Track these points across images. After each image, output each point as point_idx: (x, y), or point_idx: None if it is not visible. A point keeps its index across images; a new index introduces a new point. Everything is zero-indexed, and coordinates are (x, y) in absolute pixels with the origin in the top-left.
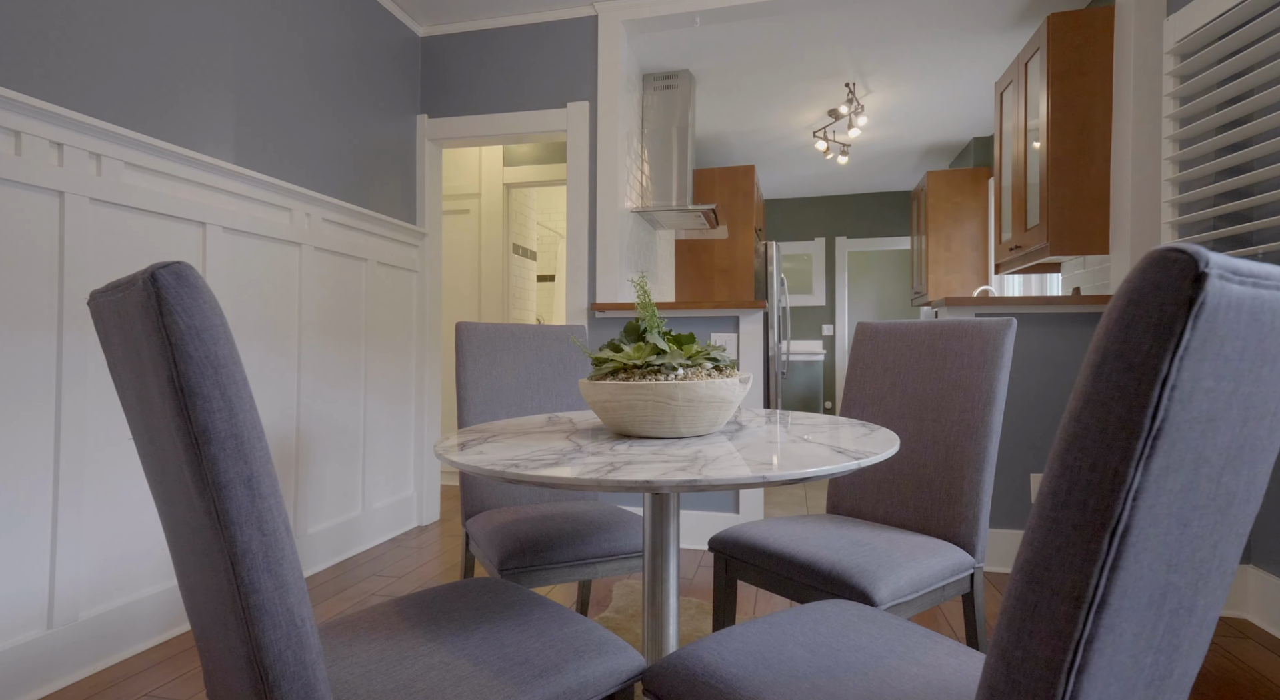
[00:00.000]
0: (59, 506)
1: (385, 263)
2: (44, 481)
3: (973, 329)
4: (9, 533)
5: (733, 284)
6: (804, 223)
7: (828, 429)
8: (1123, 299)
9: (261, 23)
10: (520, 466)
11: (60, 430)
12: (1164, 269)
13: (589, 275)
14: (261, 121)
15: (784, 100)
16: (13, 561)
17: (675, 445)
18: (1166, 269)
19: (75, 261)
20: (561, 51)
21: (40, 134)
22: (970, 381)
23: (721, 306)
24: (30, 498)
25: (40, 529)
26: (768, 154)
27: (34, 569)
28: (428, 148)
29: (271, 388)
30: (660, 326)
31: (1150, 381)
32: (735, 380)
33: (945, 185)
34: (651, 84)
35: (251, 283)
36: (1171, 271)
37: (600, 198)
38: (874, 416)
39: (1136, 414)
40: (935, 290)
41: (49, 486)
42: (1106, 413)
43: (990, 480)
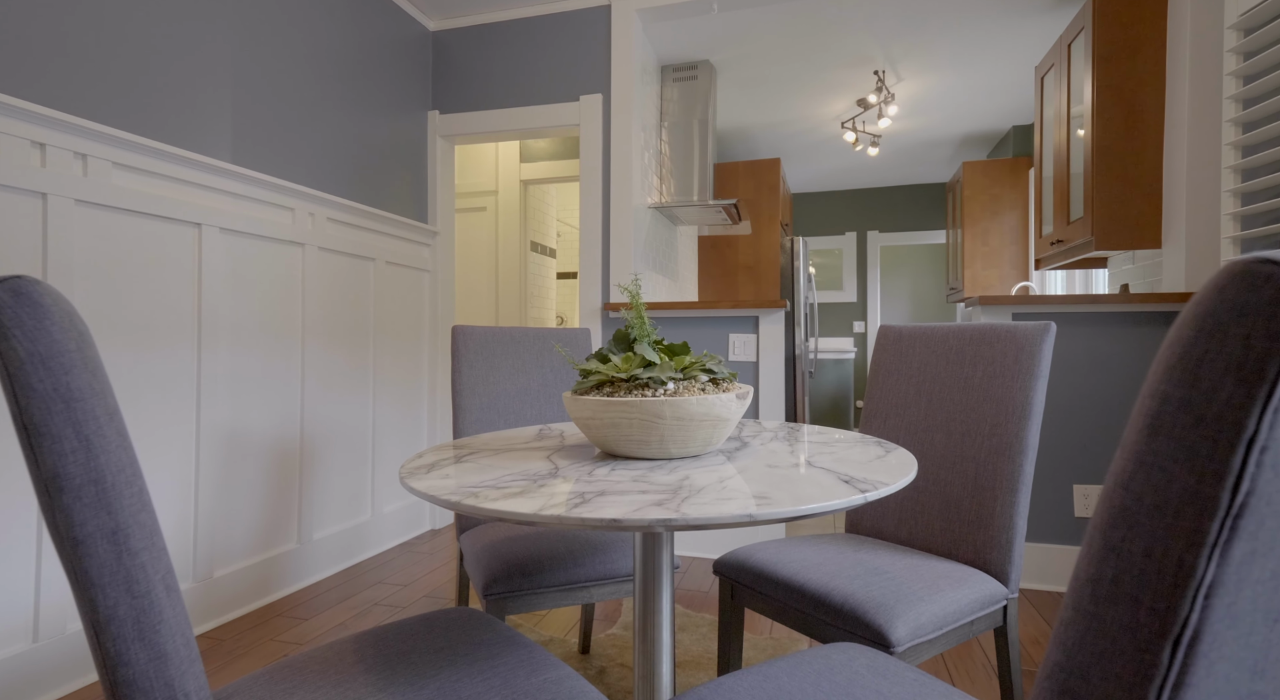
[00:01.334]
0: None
1: (395, 262)
2: (27, 491)
3: (1005, 334)
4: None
5: (758, 281)
6: (834, 217)
7: (839, 449)
8: (1191, 328)
9: (261, 18)
10: (479, 496)
11: None
12: (1251, 287)
13: (603, 274)
14: (262, 119)
15: (810, 90)
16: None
17: (662, 469)
18: (1255, 287)
19: (59, 265)
20: (574, 43)
21: (20, 134)
22: (1003, 392)
23: (740, 306)
24: (13, 508)
25: (25, 540)
26: (794, 146)
27: (18, 581)
28: (439, 144)
29: (273, 391)
30: (651, 335)
31: (1231, 442)
32: (731, 396)
33: (982, 176)
34: (671, 75)
35: (251, 285)
36: (1263, 291)
37: (614, 193)
38: (896, 428)
39: (1211, 486)
40: (972, 286)
41: (31, 501)
42: (1168, 481)
43: (1025, 503)
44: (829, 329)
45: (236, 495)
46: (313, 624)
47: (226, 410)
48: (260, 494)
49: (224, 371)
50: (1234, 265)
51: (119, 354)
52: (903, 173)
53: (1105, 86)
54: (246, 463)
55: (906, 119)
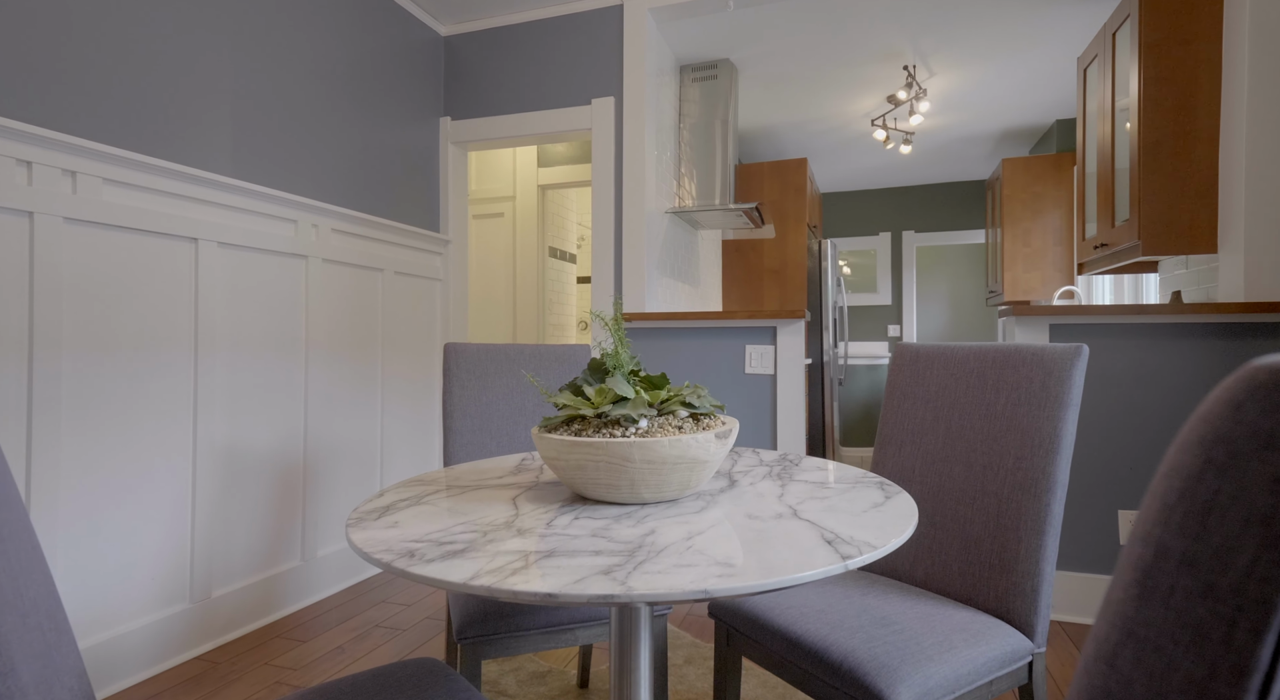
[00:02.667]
0: None
1: (404, 272)
2: None
3: (1032, 357)
4: None
5: (784, 285)
6: (867, 217)
7: (834, 493)
8: (1196, 454)
9: (263, 28)
10: (415, 555)
11: (31, 460)
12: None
13: (615, 282)
14: (263, 131)
15: (837, 87)
16: None
17: (631, 518)
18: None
19: (47, 284)
20: (586, 45)
21: (5, 153)
22: (1028, 422)
23: (757, 316)
24: None
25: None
26: (822, 145)
27: None
28: (451, 151)
29: (274, 406)
30: (628, 365)
31: (1255, 628)
32: (710, 436)
33: (1023, 173)
34: (690, 75)
35: (250, 298)
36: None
37: (627, 199)
38: (911, 458)
39: (1227, 685)
40: (1012, 290)
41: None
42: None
43: (1053, 546)
44: (861, 333)
45: (236, 513)
46: (310, 647)
47: (225, 426)
48: (262, 511)
49: (222, 387)
50: (1258, 372)
51: (109, 371)
52: (939, 170)
53: (1153, 78)
54: (247, 479)
55: (940, 115)
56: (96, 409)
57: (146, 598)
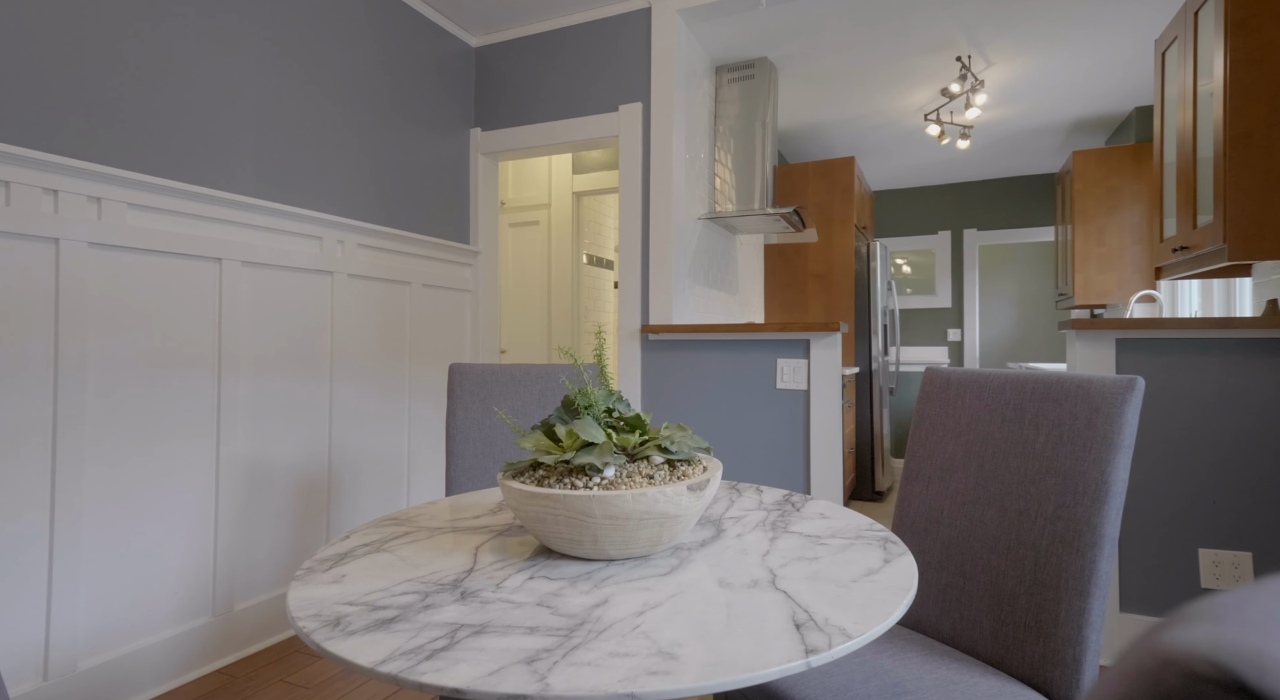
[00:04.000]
0: (54, 554)
1: (432, 285)
2: (39, 528)
3: (1076, 389)
4: (2, 581)
5: (829, 290)
6: (924, 215)
7: (828, 552)
8: None
9: (289, 47)
10: (340, 624)
11: (56, 477)
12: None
13: (641, 293)
14: (287, 150)
15: (884, 82)
16: (3, 610)
17: (588, 580)
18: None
19: (71, 308)
20: (614, 51)
21: (32, 182)
22: (1070, 464)
23: (788, 329)
24: (24, 545)
25: (35, 577)
26: (872, 143)
27: (28, 618)
28: (481, 162)
29: (298, 421)
30: (602, 403)
31: None
32: (682, 487)
33: (1096, 166)
34: (726, 76)
35: (274, 315)
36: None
37: (653, 206)
38: (939, 497)
39: None
40: (1084, 292)
41: (44, 534)
42: None
43: (1099, 611)
44: (919, 338)
45: (259, 527)
46: (326, 664)
47: (248, 442)
48: (285, 526)
49: (245, 403)
50: (1164, 675)
51: (133, 390)
52: (1002, 164)
53: (1242, 60)
54: (270, 494)
55: (1000, 107)
56: (120, 427)
57: (169, 611)
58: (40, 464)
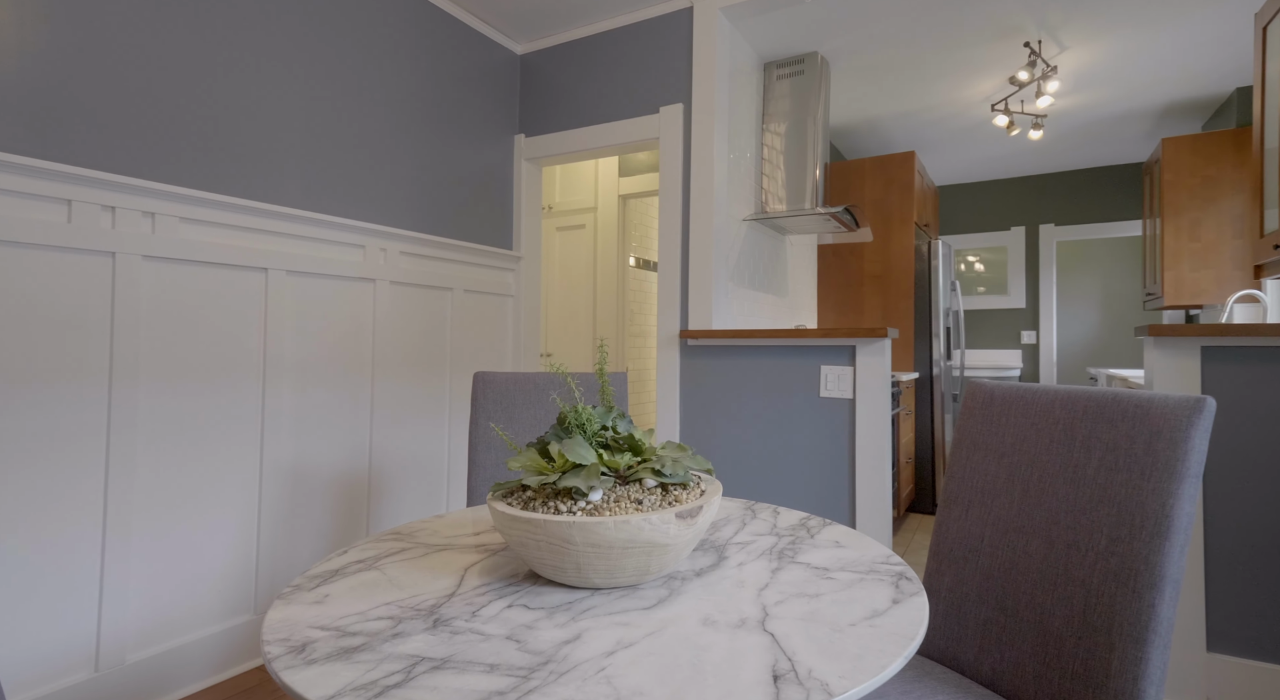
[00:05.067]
0: (106, 550)
1: (474, 290)
2: (93, 527)
3: (1133, 408)
4: (57, 576)
5: (886, 291)
6: (995, 210)
7: (831, 589)
8: None
9: (334, 63)
10: (310, 645)
11: (109, 478)
12: None
13: (681, 297)
14: (333, 162)
15: (945, 72)
16: (60, 604)
17: (566, 612)
18: None
19: (125, 317)
20: (655, 52)
21: (91, 200)
22: (1127, 494)
23: (832, 335)
24: (78, 542)
25: (88, 572)
26: (935, 136)
27: (82, 612)
28: (524, 168)
29: (340, 425)
30: (597, 421)
31: None
32: (670, 515)
33: (1189, 154)
34: (775, 72)
35: (318, 322)
36: None
37: (694, 209)
38: (979, 523)
39: None
40: (1175, 292)
41: (97, 531)
42: None
43: (1160, 661)
44: (989, 340)
45: (301, 529)
46: None
47: (291, 446)
48: (326, 527)
49: (289, 408)
50: None
51: (182, 396)
52: (1081, 155)
53: None
54: (312, 496)
55: (1077, 94)
56: (169, 432)
57: (213, 609)
58: (95, 465)
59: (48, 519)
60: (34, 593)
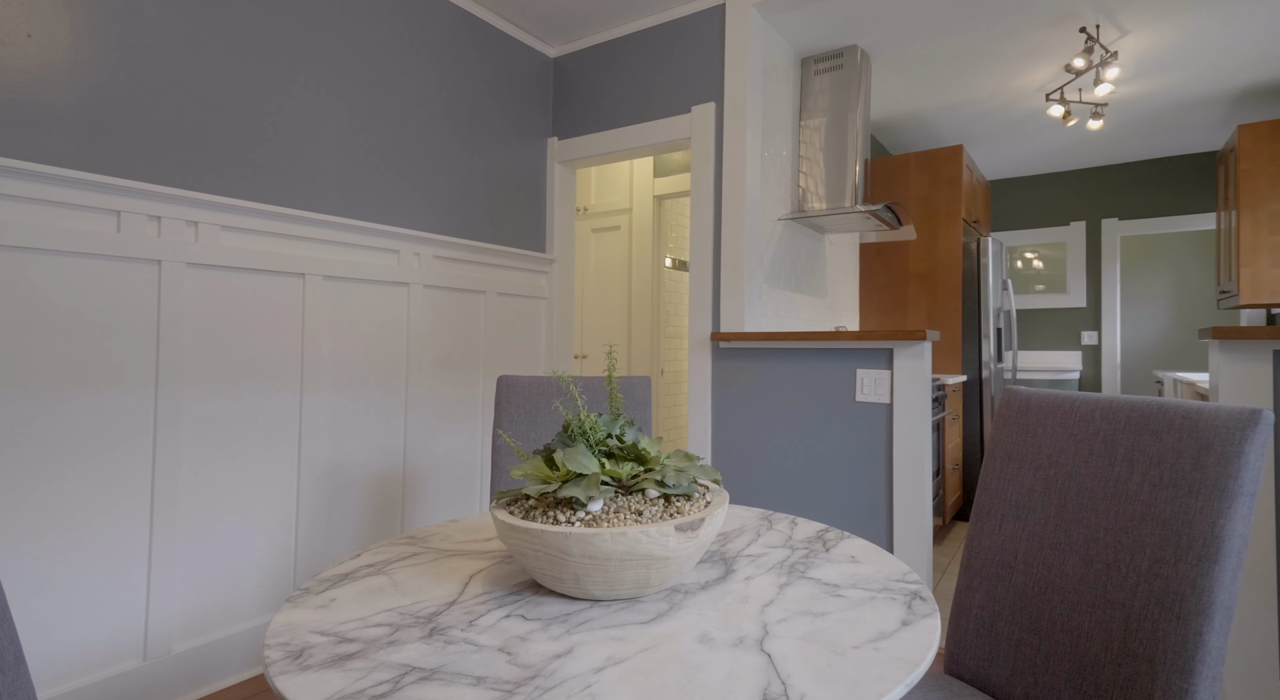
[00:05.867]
0: (153, 546)
1: (508, 293)
2: (140, 523)
3: (1181, 420)
4: (108, 570)
5: (932, 291)
6: (1053, 204)
7: (840, 608)
8: None
9: (370, 72)
10: (308, 650)
11: (155, 476)
12: None
13: (713, 299)
14: (368, 170)
15: (995, 62)
16: (111, 596)
17: (562, 624)
18: None
19: (171, 322)
20: (686, 51)
21: (139, 210)
22: (1172, 512)
23: (867, 337)
24: (127, 537)
25: (137, 566)
26: (985, 128)
27: (131, 603)
28: (557, 170)
29: (375, 427)
30: (602, 430)
31: None
32: (670, 528)
33: (1269, 141)
34: (812, 68)
35: (353, 326)
36: None
37: (726, 209)
38: (1014, 537)
39: None
40: (1253, 290)
41: (145, 527)
42: None
43: (1210, 694)
44: (1046, 341)
45: (337, 526)
46: None
47: (328, 447)
48: (362, 525)
49: (326, 410)
50: None
51: (223, 398)
52: (1146, 145)
53: None
54: (348, 495)
55: (1140, 80)
56: (211, 432)
57: (253, 603)
58: (143, 464)
59: (99, 515)
60: (87, 584)
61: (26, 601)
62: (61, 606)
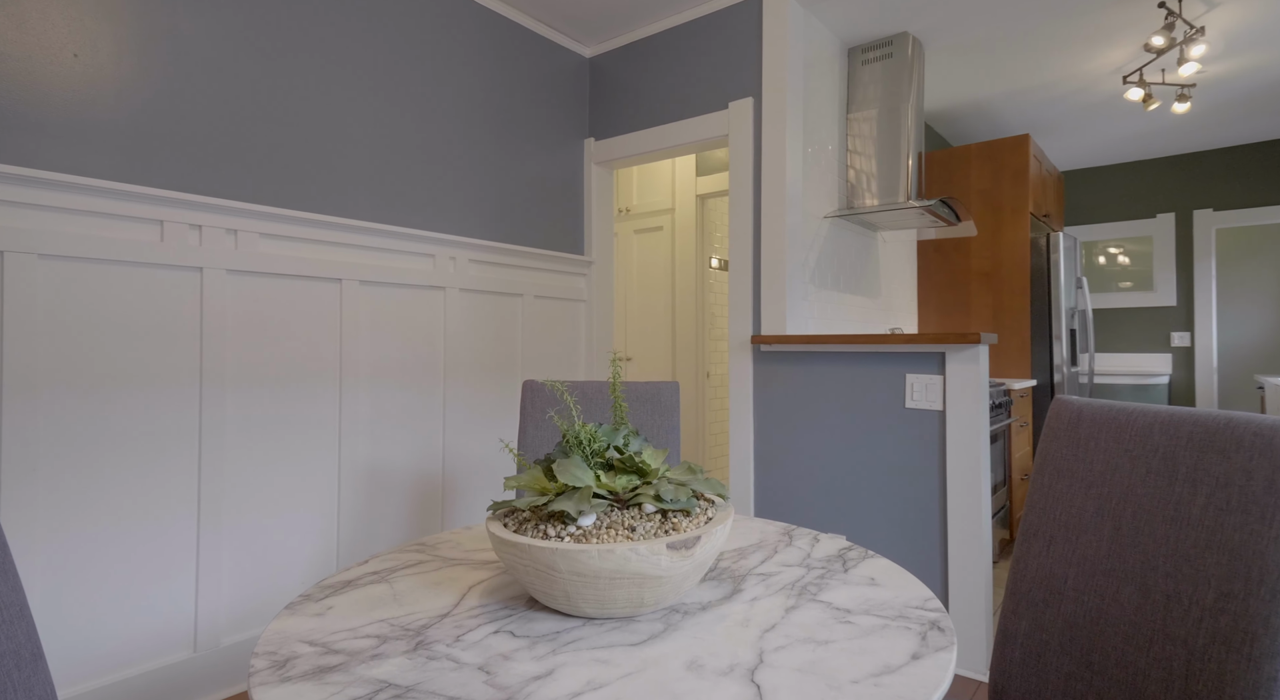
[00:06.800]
0: (201, 542)
1: (545, 296)
2: (188, 520)
3: (1251, 437)
4: (159, 567)
5: (997, 290)
6: (1136, 195)
7: (846, 636)
8: None
9: (404, 78)
10: (293, 660)
11: (201, 475)
12: None
13: (753, 301)
14: (402, 175)
15: (1064, 43)
16: (163, 592)
17: (549, 643)
18: None
19: (214, 328)
20: (723, 45)
21: (181, 220)
22: (1242, 539)
23: (916, 341)
24: (176, 535)
25: (185, 561)
26: (1055, 116)
27: (181, 597)
28: (595, 172)
29: (413, 428)
30: (604, 441)
31: None
32: (661, 546)
33: None
34: (860, 58)
35: (390, 330)
36: None
37: (765, 207)
38: (1063, 561)
39: None
40: None
41: (192, 525)
42: None
43: None
44: (1132, 343)
45: (377, 525)
46: None
47: (367, 447)
48: (402, 523)
49: (365, 412)
50: None
51: (265, 401)
52: (1245, 128)
53: None
54: (388, 495)
55: (1232, 58)
56: (254, 433)
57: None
58: (188, 464)
59: (149, 511)
60: (139, 578)
61: (84, 593)
62: (115, 598)
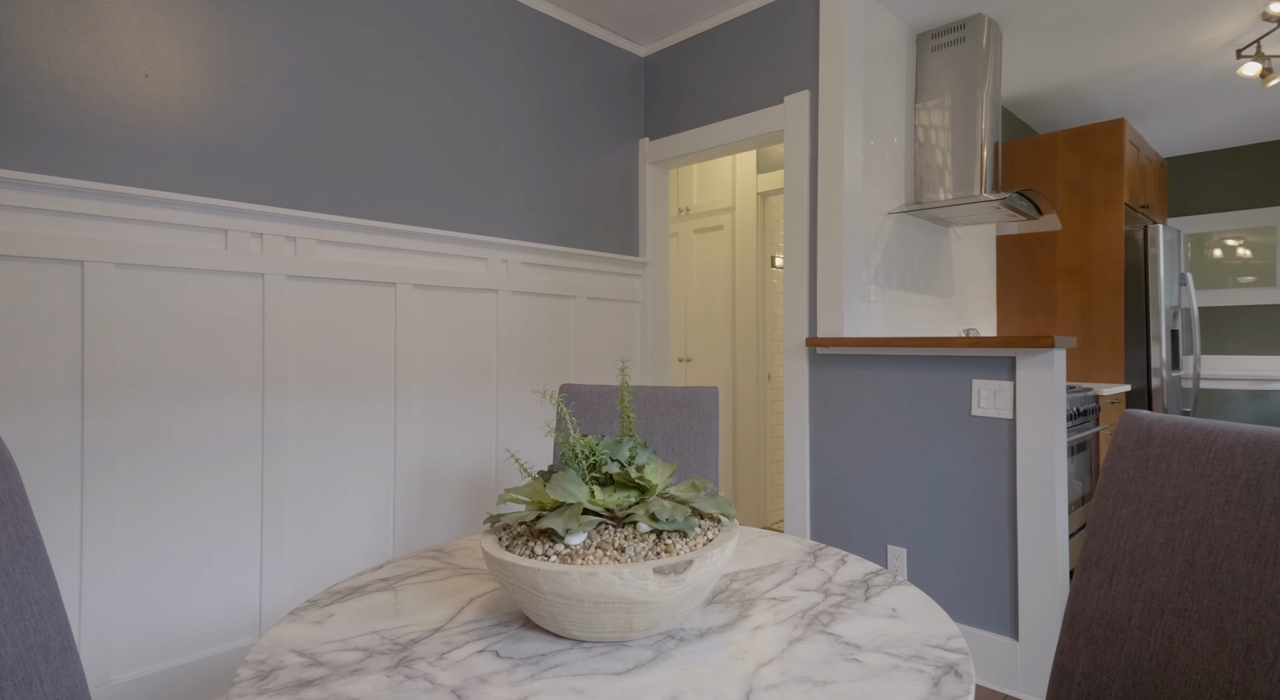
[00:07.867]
0: (264, 536)
1: (598, 297)
2: (252, 515)
3: None
4: (227, 560)
5: (1085, 288)
6: (1255, 182)
7: (851, 678)
8: None
9: (457, 85)
10: (277, 671)
11: (264, 474)
12: None
13: (809, 302)
14: (455, 180)
15: (1162, 16)
16: (230, 582)
17: (530, 667)
18: None
19: (274, 331)
20: (778, 37)
21: (243, 229)
22: None
23: (983, 345)
24: (241, 528)
25: (250, 554)
26: (1156, 98)
27: (246, 587)
28: (649, 172)
29: (466, 428)
30: (605, 454)
31: None
32: (647, 569)
33: None
34: (929, 44)
35: (444, 332)
36: None
37: (822, 203)
38: (1125, 599)
39: None
40: None
41: (256, 519)
42: None
43: None
44: (1249, 344)
45: (431, 522)
46: None
47: (421, 446)
48: (455, 521)
49: (419, 412)
50: None
51: (324, 401)
52: None
53: None
54: (441, 492)
55: None
56: (314, 432)
57: None
58: (252, 461)
59: (217, 508)
60: (207, 569)
61: (159, 583)
62: (186, 587)
